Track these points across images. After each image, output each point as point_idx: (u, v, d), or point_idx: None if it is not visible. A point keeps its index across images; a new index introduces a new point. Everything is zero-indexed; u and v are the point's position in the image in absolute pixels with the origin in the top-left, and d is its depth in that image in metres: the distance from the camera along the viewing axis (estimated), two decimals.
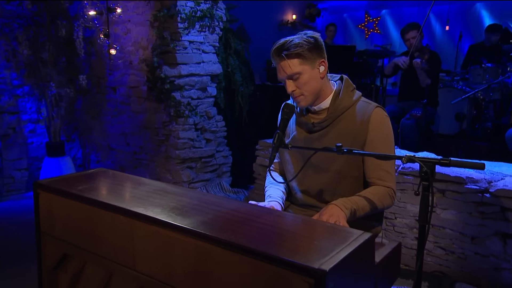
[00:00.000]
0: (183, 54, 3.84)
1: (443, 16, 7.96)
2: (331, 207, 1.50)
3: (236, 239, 0.99)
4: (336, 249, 0.91)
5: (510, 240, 2.23)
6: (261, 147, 3.28)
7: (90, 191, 1.35)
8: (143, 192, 1.35)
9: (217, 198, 1.46)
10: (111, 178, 1.54)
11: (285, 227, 1.09)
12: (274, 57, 1.61)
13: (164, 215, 1.15)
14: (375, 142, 1.58)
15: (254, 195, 3.38)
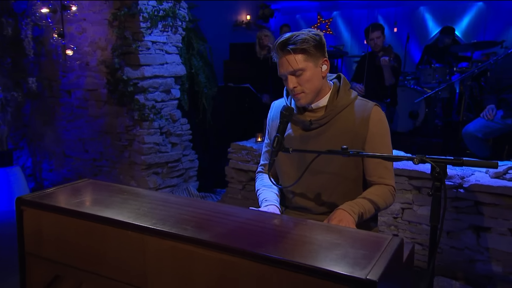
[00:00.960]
0: (146, 55, 3.69)
1: (390, 19, 8.33)
2: (339, 212, 1.50)
3: (267, 251, 0.95)
4: (375, 256, 0.90)
5: (483, 233, 2.37)
6: (233, 149, 3.24)
7: (87, 205, 1.24)
8: (146, 204, 1.27)
9: (228, 207, 1.40)
10: (104, 189, 1.43)
11: (310, 235, 1.06)
12: (278, 51, 1.58)
13: (179, 228, 1.09)
14: (375, 140, 1.60)
15: (228, 199, 3.32)
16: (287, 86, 1.63)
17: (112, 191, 1.40)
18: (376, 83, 4.47)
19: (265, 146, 1.89)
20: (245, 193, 3.23)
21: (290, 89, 1.61)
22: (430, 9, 8.05)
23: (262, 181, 1.84)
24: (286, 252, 0.95)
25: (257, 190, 1.83)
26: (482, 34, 7.59)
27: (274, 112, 1.83)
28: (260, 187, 1.81)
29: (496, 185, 2.27)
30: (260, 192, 1.79)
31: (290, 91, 1.63)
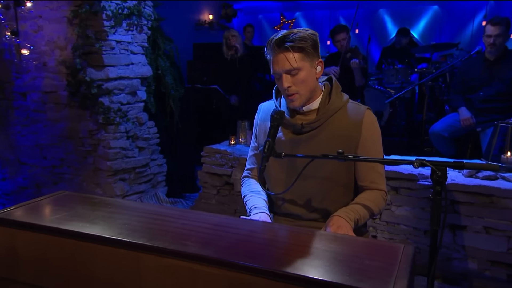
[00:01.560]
0: (111, 55, 3.53)
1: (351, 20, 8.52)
2: (336, 219, 1.47)
3: (280, 267, 0.90)
4: (393, 268, 0.87)
5: (459, 231, 2.44)
6: (206, 153, 3.15)
7: (69, 221, 1.13)
8: (135, 218, 1.18)
9: (223, 218, 1.33)
10: (85, 202, 1.31)
11: (319, 246, 1.02)
12: (274, 48, 1.52)
13: (178, 244, 1.01)
14: (368, 144, 1.59)
15: (201, 204, 3.23)
16: (280, 86, 1.58)
17: (94, 204, 1.30)
18: (346, 84, 4.52)
19: (251, 150, 1.83)
20: (220, 197, 3.16)
21: (284, 89, 1.55)
22: (389, 11, 8.30)
23: (249, 187, 1.77)
24: (300, 267, 0.90)
25: (244, 196, 1.76)
26: (438, 36, 7.93)
27: (262, 115, 1.78)
28: (247, 193, 1.74)
29: (471, 184, 2.34)
30: (248, 198, 1.72)
31: (283, 91, 1.58)
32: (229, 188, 3.13)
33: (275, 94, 1.75)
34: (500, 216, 2.31)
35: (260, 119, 1.78)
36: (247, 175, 1.85)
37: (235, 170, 3.03)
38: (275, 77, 1.60)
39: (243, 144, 3.27)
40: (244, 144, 3.27)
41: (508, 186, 2.29)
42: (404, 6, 8.04)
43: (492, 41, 3.50)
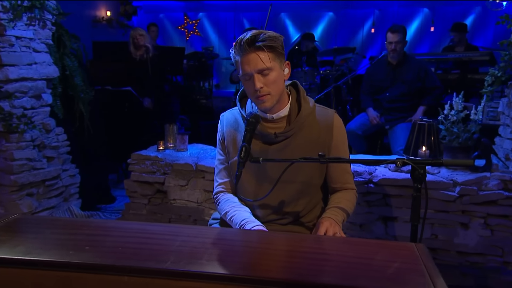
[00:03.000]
0: (10, 53, 3.09)
1: (255, 23, 8.74)
2: (329, 221, 1.48)
3: (314, 278, 0.87)
4: (421, 268, 0.90)
5: (390, 222, 2.66)
6: (135, 160, 2.95)
7: (49, 250, 0.95)
8: (125, 239, 1.04)
9: (225, 231, 1.24)
10: (52, 226, 1.12)
11: (337, 253, 1.01)
12: (245, 47, 1.46)
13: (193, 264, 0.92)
14: (339, 147, 1.63)
15: (130, 216, 3.01)
16: (250, 87, 1.53)
17: (65, 227, 1.11)
18: None
19: (219, 164, 1.74)
20: (151, 207, 2.98)
21: (256, 89, 1.50)
22: (289, 15, 8.71)
23: (228, 202, 1.67)
24: (331, 275, 0.89)
25: (225, 212, 1.64)
26: (334, 40, 8.56)
27: (227, 124, 1.71)
28: (229, 209, 1.63)
29: (400, 177, 2.57)
30: (233, 214, 1.61)
31: (253, 93, 1.53)
32: (161, 196, 2.97)
33: (240, 101, 1.71)
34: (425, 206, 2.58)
35: (225, 129, 1.72)
36: (221, 190, 1.74)
37: (169, 177, 2.89)
38: (243, 79, 1.55)
39: (172, 149, 3.13)
40: (173, 149, 3.13)
41: (430, 178, 2.57)
42: (303, 11, 8.52)
43: (393, 47, 3.90)
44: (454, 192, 2.50)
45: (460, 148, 2.62)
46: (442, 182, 2.52)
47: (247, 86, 1.55)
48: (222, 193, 1.73)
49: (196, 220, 2.89)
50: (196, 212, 2.88)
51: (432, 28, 7.79)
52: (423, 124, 2.75)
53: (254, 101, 1.58)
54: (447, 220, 2.56)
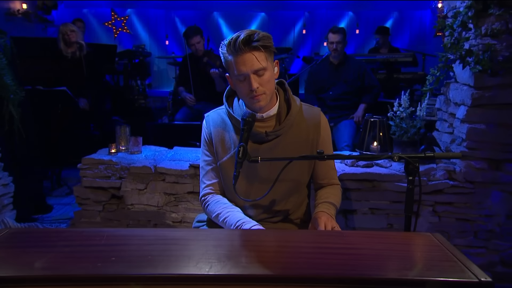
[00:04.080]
0: None
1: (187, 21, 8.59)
2: (325, 215, 1.51)
3: (344, 272, 0.89)
4: (448, 254, 0.96)
5: (350, 215, 2.79)
6: (87, 165, 2.74)
7: (71, 264, 0.85)
8: (147, 246, 0.97)
9: (240, 232, 1.19)
10: (57, 239, 0.99)
11: (367, 247, 1.03)
12: (241, 47, 1.44)
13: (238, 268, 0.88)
14: (326, 144, 1.67)
15: (82, 224, 2.80)
16: (245, 87, 1.50)
17: (74, 238, 1.00)
18: (206, 89, 4.55)
19: (206, 165, 1.69)
20: (106, 214, 2.80)
21: (252, 89, 1.49)
22: (223, 15, 8.69)
23: (218, 203, 1.62)
24: (381, 268, 0.90)
25: (217, 214, 1.59)
26: None
27: (214, 125, 1.67)
28: (221, 210, 1.59)
29: (359, 172, 2.70)
30: (226, 215, 1.57)
31: (249, 93, 1.51)
32: (117, 202, 2.80)
33: (227, 100, 1.68)
34: (381, 198, 2.74)
35: (212, 129, 1.67)
36: (209, 192, 1.69)
37: (125, 181, 2.74)
38: (237, 79, 1.53)
39: (124, 152, 2.97)
40: (125, 152, 2.97)
41: (383, 171, 2.72)
42: (236, 11, 8.56)
43: (335, 47, 4.10)
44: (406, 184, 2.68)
45: (409, 142, 2.82)
46: (396, 174, 2.69)
47: (241, 86, 1.53)
48: (210, 194, 1.68)
49: (156, 224, 2.77)
50: (156, 216, 2.76)
51: (358, 30, 8.28)
52: (375, 121, 2.92)
53: (248, 101, 1.56)
54: (401, 210, 2.73)
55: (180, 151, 3.08)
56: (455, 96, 2.87)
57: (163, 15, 8.58)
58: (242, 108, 1.64)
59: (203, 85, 4.54)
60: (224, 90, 4.89)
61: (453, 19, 2.90)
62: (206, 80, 4.49)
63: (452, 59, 2.95)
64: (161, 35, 8.53)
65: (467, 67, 2.62)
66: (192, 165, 2.72)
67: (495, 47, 2.53)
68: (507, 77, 2.54)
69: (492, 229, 2.73)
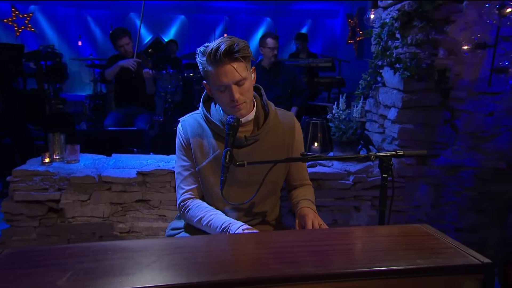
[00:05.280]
0: None
1: (102, 21, 8.16)
2: (311, 213, 1.56)
3: (364, 265, 0.95)
4: (446, 242, 1.07)
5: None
6: (18, 178, 2.48)
7: (96, 280, 0.78)
8: (190, 254, 0.93)
9: (254, 235, 1.19)
10: (84, 254, 0.90)
11: (369, 240, 1.10)
12: (222, 59, 1.44)
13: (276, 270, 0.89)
14: (299, 147, 1.73)
15: (15, 242, 2.52)
16: (226, 97, 1.52)
17: (80, 254, 0.92)
18: (135, 92, 4.39)
19: (184, 170, 1.65)
20: (44, 229, 2.56)
21: (234, 99, 1.51)
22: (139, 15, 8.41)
23: (199, 208, 1.61)
24: (392, 259, 0.98)
25: (199, 218, 1.58)
26: (188, 44, 8.64)
27: (191, 130, 1.64)
28: (203, 214, 1.57)
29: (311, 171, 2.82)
30: (210, 218, 1.56)
31: (230, 102, 1.52)
32: (55, 215, 2.58)
33: (204, 106, 1.67)
34: (326, 195, 2.90)
35: (190, 134, 1.64)
36: (189, 197, 1.65)
37: (66, 193, 2.53)
38: (217, 90, 1.53)
39: (59, 161, 2.75)
40: (60, 161, 2.75)
41: (327, 170, 2.89)
42: (154, 12, 8.34)
43: (275, 52, 4.25)
44: (349, 181, 2.88)
45: (348, 142, 3.03)
46: (339, 173, 2.87)
47: (221, 96, 1.54)
48: (190, 199, 1.65)
49: (102, 236, 2.61)
50: (101, 228, 2.60)
51: None
52: (316, 122, 3.08)
53: (229, 110, 1.57)
54: (343, 206, 2.94)
55: (121, 158, 2.94)
56: (385, 99, 3.14)
57: (73, 13, 8.03)
58: (219, 112, 1.64)
59: (133, 88, 4.37)
60: (154, 92, 4.75)
61: (380, 29, 3.18)
62: (135, 82, 4.32)
63: (380, 65, 3.23)
64: (72, 35, 7.99)
65: (397, 72, 2.90)
66: (140, 172, 2.62)
67: (420, 55, 2.83)
68: (430, 82, 2.86)
69: (420, 218, 3.05)
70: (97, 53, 7.73)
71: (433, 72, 2.82)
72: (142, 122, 4.21)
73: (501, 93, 2.95)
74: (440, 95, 2.90)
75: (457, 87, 2.89)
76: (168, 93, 5.83)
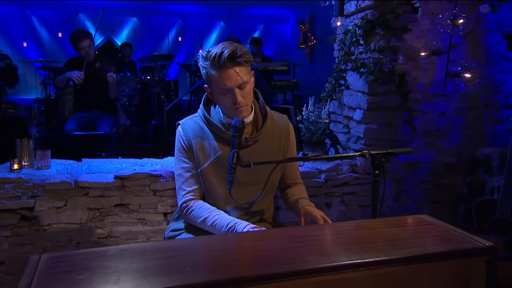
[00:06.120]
0: None
1: (48, 22, 7.75)
2: (316, 209, 1.62)
3: (388, 253, 1.03)
4: (449, 229, 1.18)
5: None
6: None
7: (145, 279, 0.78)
8: (206, 254, 0.94)
9: (274, 231, 1.22)
10: (118, 256, 0.88)
11: (379, 232, 1.18)
12: (226, 63, 1.48)
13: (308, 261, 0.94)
14: (294, 147, 1.80)
15: None
16: (228, 100, 1.55)
17: (126, 255, 0.90)
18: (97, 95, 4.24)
19: (185, 172, 1.66)
20: (16, 239, 2.41)
21: (237, 102, 1.54)
22: (89, 17, 8.09)
23: (202, 208, 1.63)
24: (416, 246, 1.06)
25: (204, 218, 1.60)
26: (141, 46, 8.43)
27: (191, 132, 1.65)
28: (208, 214, 1.59)
29: None
30: (214, 218, 1.58)
31: (232, 105, 1.56)
32: (27, 224, 2.45)
33: (205, 109, 1.68)
34: None
35: (192, 137, 1.65)
36: (191, 198, 1.65)
37: (40, 200, 2.41)
38: (220, 93, 1.56)
39: (29, 168, 2.61)
40: (30, 168, 2.61)
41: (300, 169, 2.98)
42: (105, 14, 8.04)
43: None
44: (321, 179, 2.99)
45: (318, 142, 3.16)
46: (311, 171, 2.98)
47: (224, 98, 1.56)
48: (192, 200, 1.66)
49: (79, 243, 2.52)
50: (79, 234, 2.51)
51: None
52: None
53: (231, 112, 1.60)
54: (316, 202, 3.03)
55: (93, 163, 2.84)
56: (349, 101, 3.31)
57: (16, 13, 7.55)
58: (219, 115, 1.67)
59: (94, 92, 4.21)
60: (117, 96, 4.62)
61: (343, 35, 3.34)
62: (98, 86, 4.18)
63: (343, 69, 3.40)
64: (16, 35, 7.51)
65: (363, 76, 3.06)
66: (118, 177, 2.56)
67: (382, 60, 3.02)
68: (391, 85, 3.05)
69: (384, 211, 3.24)
70: (45, 55, 7.32)
71: (394, 76, 3.01)
72: (106, 126, 4.08)
73: (451, 96, 3.22)
74: (400, 97, 3.11)
75: (414, 90, 3.11)
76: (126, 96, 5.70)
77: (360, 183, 3.12)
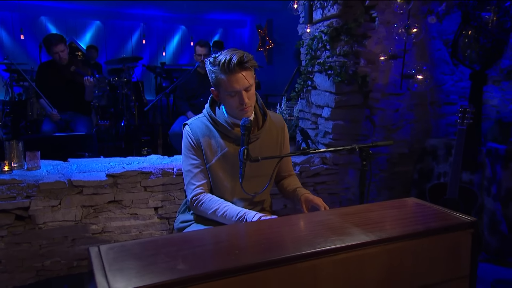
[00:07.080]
0: None
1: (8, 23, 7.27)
2: (317, 198, 1.70)
3: (408, 230, 1.15)
4: (441, 210, 1.31)
5: None
6: None
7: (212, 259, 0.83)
8: (230, 242, 0.99)
9: (293, 218, 1.31)
10: (165, 246, 0.91)
11: (387, 215, 1.29)
12: (235, 68, 1.54)
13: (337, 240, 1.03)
14: (287, 144, 1.89)
15: None
16: (235, 102, 1.61)
17: (174, 243, 0.93)
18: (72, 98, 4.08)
19: (194, 168, 1.71)
20: (12, 238, 2.30)
21: (243, 103, 1.60)
22: (52, 20, 7.69)
23: (212, 201, 1.68)
24: (417, 224, 1.18)
25: (214, 209, 1.65)
26: (104, 49, 8.12)
27: (199, 131, 1.70)
28: (217, 206, 1.65)
29: None
30: (224, 209, 1.64)
31: (239, 106, 1.62)
32: (22, 223, 2.35)
33: (210, 110, 1.72)
34: None
35: (200, 135, 1.70)
36: (201, 191, 1.70)
37: (35, 199, 2.32)
38: (228, 95, 1.60)
39: (19, 169, 2.50)
40: (20, 169, 2.50)
41: None
42: (68, 17, 7.68)
43: (202, 59, 4.28)
44: (296, 171, 3.11)
45: (290, 137, 3.27)
46: None
47: (231, 100, 1.62)
48: (202, 194, 1.70)
49: (75, 239, 2.45)
50: (74, 231, 2.45)
51: (192, 43, 8.55)
52: None
53: (238, 113, 1.66)
54: None
55: (81, 163, 2.77)
56: (317, 100, 3.45)
57: None
58: (224, 115, 1.72)
59: (69, 95, 4.05)
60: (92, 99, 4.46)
61: (310, 41, 3.48)
62: (73, 89, 4.02)
63: (310, 71, 3.53)
64: None
65: (330, 78, 3.21)
66: (109, 175, 2.52)
67: (347, 63, 3.18)
68: (355, 86, 3.23)
69: (349, 197, 3.42)
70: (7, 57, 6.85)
71: (357, 78, 3.19)
72: (83, 127, 3.94)
73: (403, 94, 3.45)
74: (362, 96, 3.29)
75: (374, 89, 3.30)
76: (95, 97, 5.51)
77: (329, 173, 3.28)
